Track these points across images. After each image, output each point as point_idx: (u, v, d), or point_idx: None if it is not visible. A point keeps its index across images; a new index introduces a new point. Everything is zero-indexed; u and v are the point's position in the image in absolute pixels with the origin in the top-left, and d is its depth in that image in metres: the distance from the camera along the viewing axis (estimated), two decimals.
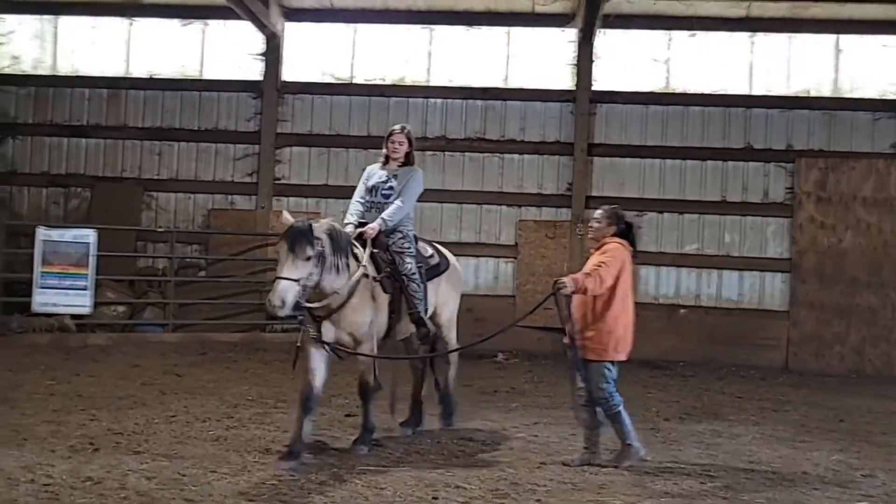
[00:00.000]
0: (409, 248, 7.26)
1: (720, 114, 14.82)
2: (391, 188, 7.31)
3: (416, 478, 5.95)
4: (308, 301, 6.40)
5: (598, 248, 6.76)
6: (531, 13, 15.11)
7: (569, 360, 6.69)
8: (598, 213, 6.94)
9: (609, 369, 6.51)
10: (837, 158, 14.46)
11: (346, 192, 14.76)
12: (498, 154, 15.13)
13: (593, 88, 14.92)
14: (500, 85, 15.31)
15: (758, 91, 14.92)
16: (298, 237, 6.14)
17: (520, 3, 14.95)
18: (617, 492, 5.82)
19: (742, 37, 14.99)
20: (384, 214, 7.13)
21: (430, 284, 7.55)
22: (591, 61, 14.94)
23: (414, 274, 7.17)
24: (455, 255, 14.61)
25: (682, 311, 14.62)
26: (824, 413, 9.85)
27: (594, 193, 14.72)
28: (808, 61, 14.93)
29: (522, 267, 14.88)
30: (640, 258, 14.17)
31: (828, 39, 14.86)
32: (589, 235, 7.04)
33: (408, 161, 7.52)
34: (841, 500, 5.84)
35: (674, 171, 14.74)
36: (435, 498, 5.47)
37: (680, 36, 15.10)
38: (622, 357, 6.58)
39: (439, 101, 15.29)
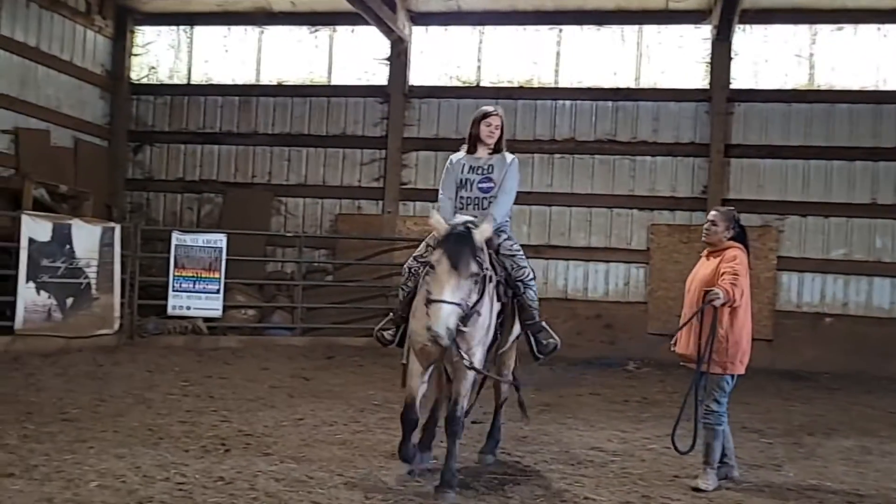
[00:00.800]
0: (519, 250, 6.47)
1: (870, 111, 14.50)
2: (489, 180, 6.34)
3: (544, 487, 6.00)
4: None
5: (714, 253, 6.55)
6: (664, 10, 15.13)
7: (695, 374, 6.34)
8: (713, 214, 6.66)
9: (728, 383, 6.34)
10: None
11: None
12: (629, 156, 15.17)
13: (731, 87, 14.82)
14: (632, 85, 15.36)
15: None
16: (462, 252, 5.33)
17: (652, 1, 14.99)
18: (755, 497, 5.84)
19: (894, 29, 14.65)
20: (493, 212, 6.12)
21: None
22: (729, 58, 14.86)
23: (531, 280, 6.42)
24: (585, 260, 15.10)
25: (827, 319, 14.32)
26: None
27: (731, 196, 14.58)
28: None
29: (655, 273, 14.85)
30: (781, 264, 14.29)
31: None
32: (704, 239, 6.71)
33: (498, 148, 6.54)
34: None
35: (819, 172, 14.51)
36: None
37: (825, 30, 14.87)
38: (743, 370, 6.40)
39: (568, 102, 15.40)
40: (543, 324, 6.50)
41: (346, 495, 5.60)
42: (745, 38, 15.02)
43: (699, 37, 15.19)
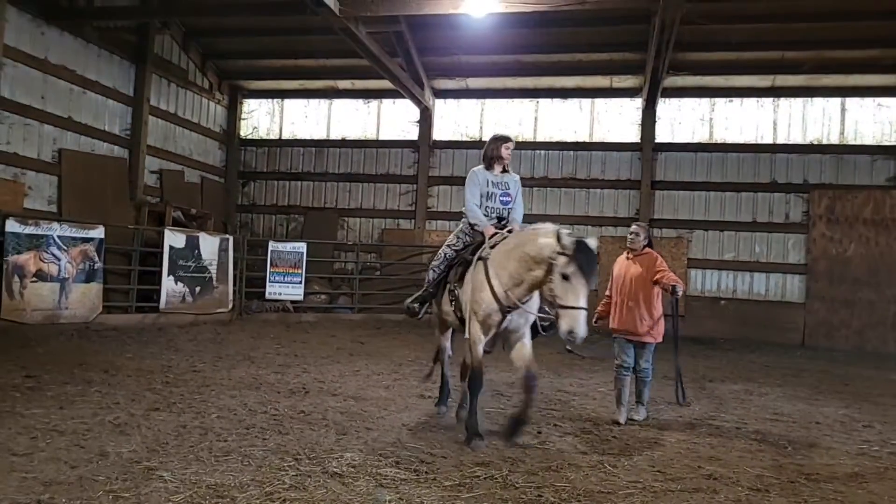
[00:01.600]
0: None
1: (751, 158, 14.36)
2: (508, 195, 5.68)
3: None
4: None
5: (636, 256, 6.23)
6: (610, 87, 15.05)
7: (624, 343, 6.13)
8: (635, 227, 6.29)
9: (655, 349, 6.23)
10: (843, 190, 13.86)
11: None
12: (586, 189, 15.07)
13: (655, 141, 14.73)
14: (587, 140, 15.26)
15: (781, 141, 14.41)
16: (595, 266, 4.71)
17: (601, 81, 14.91)
18: (674, 430, 5.81)
19: (768, 101, 14.53)
20: (518, 220, 5.68)
21: None
22: (654, 121, 14.76)
23: None
24: None
25: (722, 301, 14.23)
26: (833, 379, 9.47)
27: (656, 216, 14.55)
28: (820, 118, 14.36)
29: (602, 270, 14.63)
30: (690, 263, 14.22)
31: (835, 101, 14.26)
32: (629, 245, 6.28)
33: (506, 168, 5.84)
34: (846, 443, 5.70)
35: (716, 200, 14.39)
36: (539, 432, 5.46)
37: (720, 101, 14.74)
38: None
39: (543, 152, 15.34)
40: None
41: (389, 423, 5.59)
42: (666, 107, 14.92)
43: (633, 106, 15.08)
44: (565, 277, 4.65)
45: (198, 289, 12.14)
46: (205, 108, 15.96)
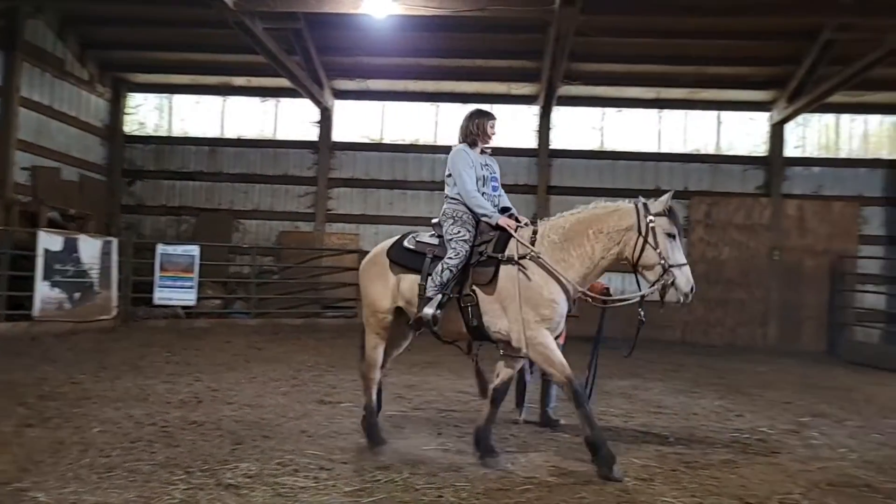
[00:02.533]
0: None
1: (638, 165, 15.12)
2: (496, 181, 5.19)
3: (427, 419, 5.96)
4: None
5: None
6: (508, 94, 15.40)
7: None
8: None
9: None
10: (719, 197, 14.87)
11: (375, 220, 15.36)
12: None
13: (551, 147, 15.21)
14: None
15: (664, 150, 15.27)
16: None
17: (499, 87, 15.25)
18: (567, 428, 5.94)
19: (653, 112, 15.38)
20: (510, 206, 5.28)
21: None
22: (549, 129, 15.24)
23: None
24: None
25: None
26: (709, 373, 10.03)
27: None
28: (699, 129, 15.36)
29: None
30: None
31: (713, 114, 15.30)
32: None
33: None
34: (721, 432, 6.05)
35: None
36: (440, 433, 5.54)
37: (611, 111, 15.46)
38: None
39: (443, 155, 15.15)
40: None
41: (288, 431, 5.46)
42: (560, 115, 15.44)
43: (531, 113, 15.51)
44: (671, 236, 4.61)
45: (77, 295, 11.37)
46: (84, 100, 14.99)
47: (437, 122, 15.78)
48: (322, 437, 5.30)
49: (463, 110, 15.68)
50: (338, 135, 15.82)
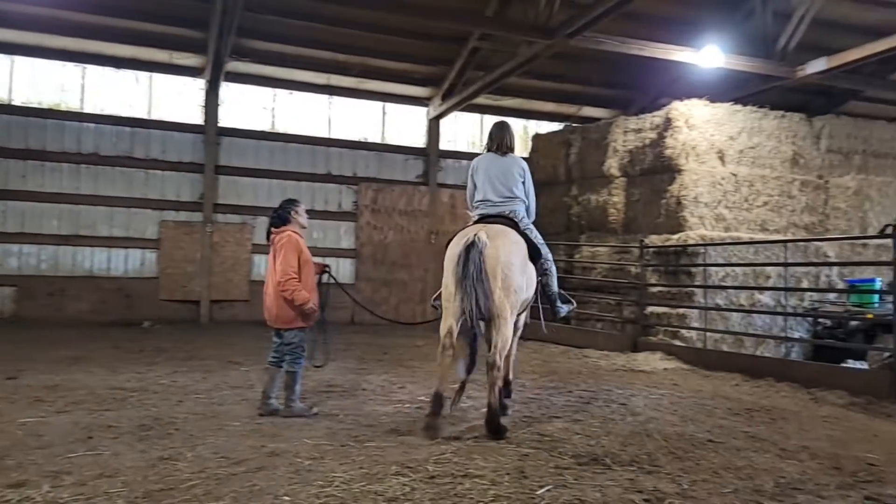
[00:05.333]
0: None
1: (309, 150, 15.25)
2: None
3: (74, 423, 5.35)
4: None
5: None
6: (170, 63, 14.25)
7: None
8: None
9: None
10: (384, 183, 15.82)
11: None
12: (144, 169, 14.02)
13: (219, 125, 14.51)
14: (146, 116, 14.24)
15: (335, 136, 15.67)
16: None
17: (160, 55, 14.02)
18: (238, 416, 5.81)
19: (323, 98, 15.66)
20: None
21: None
22: (218, 105, 14.52)
23: None
24: (108, 246, 13.73)
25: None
26: (376, 350, 10.61)
27: (220, 202, 14.41)
28: (367, 118, 16.09)
29: (164, 256, 14.03)
30: (255, 249, 14.45)
31: (378, 104, 16.16)
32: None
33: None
34: (385, 404, 6.41)
35: (279, 188, 14.83)
36: (90, 437, 4.99)
37: (282, 93, 15.33)
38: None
39: (92, 125, 13.72)
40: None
41: None
42: (230, 91, 14.84)
43: (196, 87, 14.60)
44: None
45: None
46: None
47: (84, 87, 13.94)
48: None
49: (117, 75, 14.47)
50: None
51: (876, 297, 9.86)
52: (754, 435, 5.57)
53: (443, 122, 16.41)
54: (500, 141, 5.86)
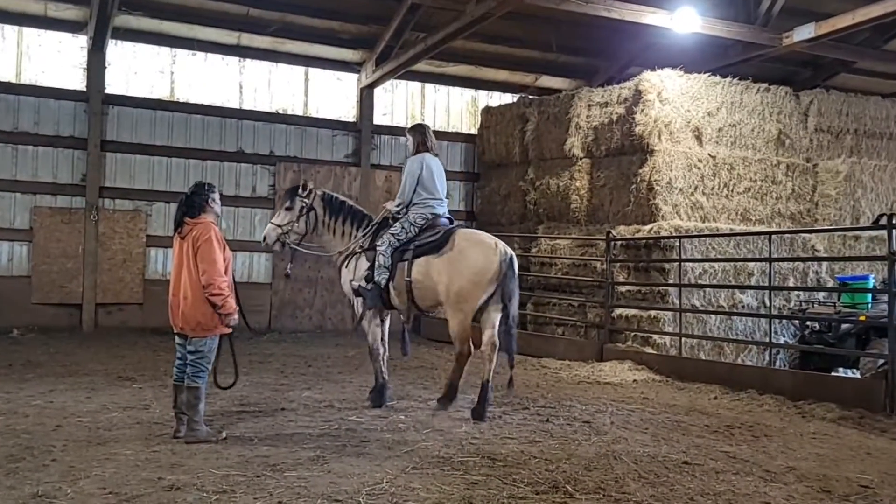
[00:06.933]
0: (396, 230, 7.27)
1: (217, 123, 14.91)
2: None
3: None
4: None
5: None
6: (44, 16, 13.69)
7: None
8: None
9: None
10: (307, 164, 15.63)
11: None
12: (12, 145, 13.45)
13: (106, 92, 14.05)
14: (13, 80, 13.67)
15: (247, 106, 15.39)
16: None
17: (32, 6, 13.46)
18: (130, 442, 5.71)
19: (234, 61, 15.37)
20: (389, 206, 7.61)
21: (414, 262, 7.16)
22: (104, 67, 14.04)
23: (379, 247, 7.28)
24: None
25: None
26: (298, 361, 10.62)
27: (107, 184, 13.97)
28: (286, 86, 15.88)
29: (38, 250, 13.49)
30: (150, 241, 14.17)
31: (300, 70, 15.95)
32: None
33: (417, 153, 7.47)
34: (309, 426, 6.40)
35: (179, 168, 14.49)
36: None
37: (182, 54, 14.97)
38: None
39: None
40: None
41: None
42: (118, 51, 14.39)
43: (77, 45, 14.11)
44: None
45: None
46: None
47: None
48: None
49: None
50: None
51: (869, 297, 10.27)
52: (735, 455, 5.76)
53: (376, 91, 16.32)
54: (433, 142, 7.60)
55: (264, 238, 7.73)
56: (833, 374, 9.65)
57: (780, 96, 13.62)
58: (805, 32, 12.60)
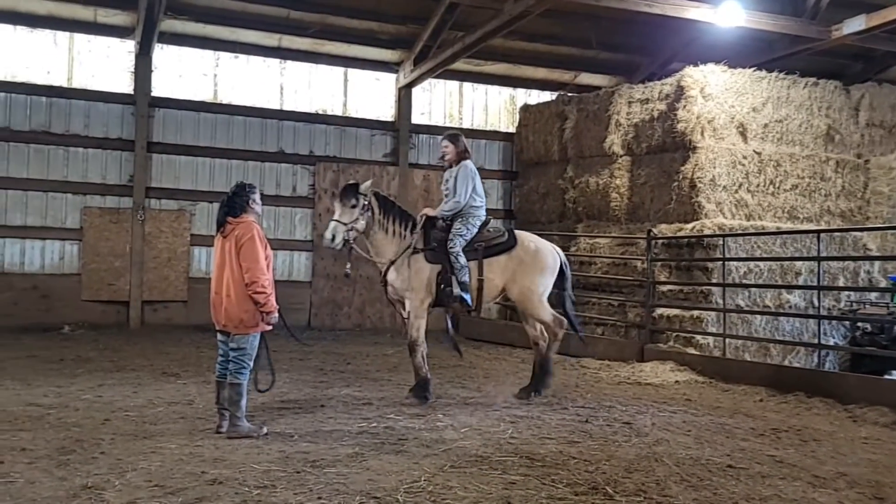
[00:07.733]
0: (461, 231, 7.57)
1: (258, 124, 15.07)
2: (447, 187, 7.79)
3: None
4: None
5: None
6: (94, 22, 13.99)
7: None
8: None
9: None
10: (346, 163, 15.71)
11: None
12: (63, 147, 13.77)
13: (152, 94, 14.31)
14: (65, 84, 13.99)
15: (288, 107, 15.52)
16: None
17: (82, 12, 13.75)
18: (175, 437, 5.81)
19: (275, 62, 15.52)
20: (440, 208, 7.79)
21: (485, 261, 7.67)
22: (150, 70, 14.31)
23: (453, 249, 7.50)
24: (21, 237, 13.54)
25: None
26: (337, 359, 10.68)
27: (154, 185, 14.23)
28: (326, 87, 15.98)
29: (88, 249, 13.82)
30: (195, 240, 14.37)
31: (339, 70, 16.04)
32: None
33: (460, 160, 7.74)
34: (348, 423, 6.45)
35: (222, 168, 14.71)
36: (1, 462, 4.94)
37: (225, 57, 15.17)
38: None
39: (3, 94, 13.48)
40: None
41: None
42: (164, 55, 14.64)
43: (125, 49, 14.38)
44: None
45: None
46: None
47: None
48: None
49: (31, 36, 14.26)
50: None
51: None
52: (782, 459, 5.63)
53: (415, 91, 16.34)
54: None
55: (332, 236, 7.31)
56: (886, 376, 9.38)
57: (830, 91, 13.31)
58: (855, 25, 12.28)
